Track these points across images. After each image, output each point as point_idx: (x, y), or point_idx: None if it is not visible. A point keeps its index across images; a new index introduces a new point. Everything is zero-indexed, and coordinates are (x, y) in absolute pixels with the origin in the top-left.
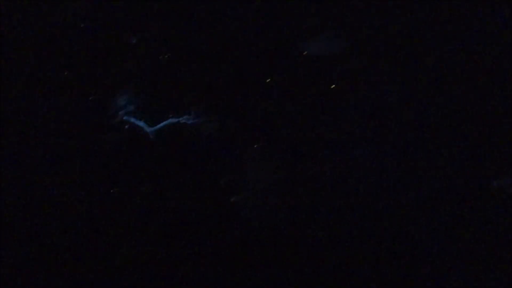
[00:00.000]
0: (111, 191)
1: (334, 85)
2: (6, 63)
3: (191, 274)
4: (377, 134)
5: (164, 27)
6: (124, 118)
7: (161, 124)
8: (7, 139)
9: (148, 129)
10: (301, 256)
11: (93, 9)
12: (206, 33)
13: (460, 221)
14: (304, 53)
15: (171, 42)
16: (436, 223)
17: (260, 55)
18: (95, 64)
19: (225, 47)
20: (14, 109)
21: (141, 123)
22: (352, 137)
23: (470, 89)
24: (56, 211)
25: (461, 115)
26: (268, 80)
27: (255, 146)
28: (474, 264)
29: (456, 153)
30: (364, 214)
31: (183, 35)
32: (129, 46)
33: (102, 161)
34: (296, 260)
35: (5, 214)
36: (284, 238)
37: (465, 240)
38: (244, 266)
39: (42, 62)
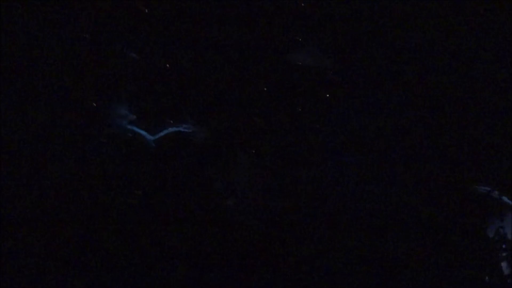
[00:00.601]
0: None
1: (328, 95)
2: (9, 71)
3: (187, 275)
4: (366, 141)
5: (164, 39)
6: (128, 127)
7: (162, 133)
8: (8, 146)
9: (150, 138)
10: (293, 259)
11: (97, 21)
12: (204, 45)
13: (447, 227)
14: (299, 64)
15: (171, 53)
16: (423, 229)
17: (252, 67)
18: (98, 73)
19: (221, 59)
20: (15, 114)
21: (142, 132)
22: (342, 144)
23: (456, 98)
24: (56, 217)
25: (447, 123)
26: (265, 89)
27: (253, 151)
28: (458, 268)
29: (443, 159)
30: (354, 219)
31: (182, 47)
32: (131, 58)
33: (102, 166)
34: (288, 263)
35: (6, 220)
36: (276, 241)
37: (450, 246)
38: (237, 268)
39: (43, 69)
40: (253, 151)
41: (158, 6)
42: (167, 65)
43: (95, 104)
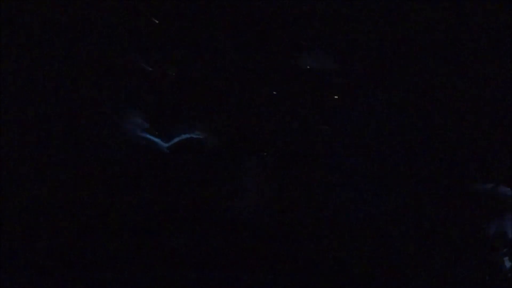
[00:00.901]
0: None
1: (336, 96)
2: (25, 78)
3: (194, 274)
4: (372, 142)
5: (174, 49)
6: (141, 134)
7: (176, 140)
8: (21, 154)
9: (163, 145)
10: (299, 260)
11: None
12: (212, 54)
13: (447, 225)
14: (308, 67)
15: (181, 62)
16: (424, 228)
17: (261, 73)
18: (112, 83)
19: (229, 67)
20: (28, 119)
21: (156, 139)
22: (346, 147)
23: (457, 98)
24: (70, 222)
25: (448, 123)
26: (274, 93)
27: (265, 154)
28: (458, 267)
29: (444, 159)
30: (357, 219)
31: (192, 56)
32: (144, 69)
33: (115, 171)
34: (294, 264)
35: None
36: (282, 242)
37: (450, 244)
38: (243, 269)
39: (58, 78)
40: (264, 154)
41: (168, 16)
42: (174, 73)
43: (108, 112)
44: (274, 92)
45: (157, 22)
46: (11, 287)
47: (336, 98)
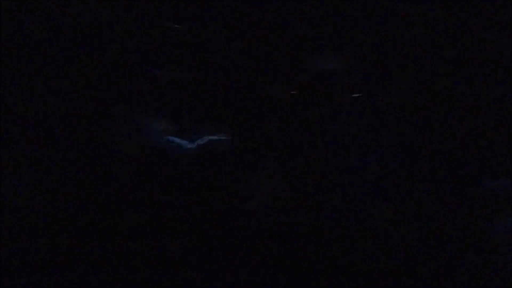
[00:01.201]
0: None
1: (358, 94)
2: (52, 87)
3: (205, 275)
4: (379, 143)
5: (193, 54)
6: (168, 138)
7: (202, 142)
8: (27, 155)
9: (189, 146)
10: (307, 260)
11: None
12: (232, 58)
13: (451, 222)
14: (321, 68)
15: (197, 64)
16: (433, 226)
17: (276, 76)
18: (136, 90)
19: (244, 72)
20: (44, 121)
21: (183, 142)
22: (357, 146)
23: (466, 93)
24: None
25: (456, 120)
26: (293, 92)
27: (273, 154)
28: (462, 265)
29: (452, 156)
30: (368, 218)
31: (209, 63)
32: (162, 75)
33: (136, 172)
34: (307, 267)
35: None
36: (292, 240)
37: (454, 242)
38: (256, 270)
39: (78, 80)
40: (280, 155)
41: (187, 20)
42: (193, 77)
43: (132, 116)
44: (292, 92)
45: (178, 26)
46: (11, 287)
47: (356, 96)
